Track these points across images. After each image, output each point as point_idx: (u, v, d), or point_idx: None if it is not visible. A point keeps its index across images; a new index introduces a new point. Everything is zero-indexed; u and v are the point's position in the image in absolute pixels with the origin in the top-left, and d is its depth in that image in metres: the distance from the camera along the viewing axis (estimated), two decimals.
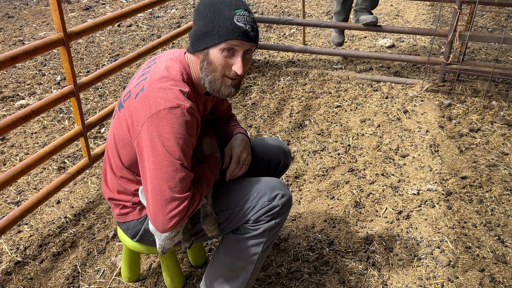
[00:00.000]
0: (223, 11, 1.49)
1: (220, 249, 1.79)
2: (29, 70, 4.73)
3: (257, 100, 4.01)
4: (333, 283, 2.17)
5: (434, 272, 2.23)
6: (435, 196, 2.75)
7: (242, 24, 1.49)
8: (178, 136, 1.46)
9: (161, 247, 1.63)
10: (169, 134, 1.46)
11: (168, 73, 1.56)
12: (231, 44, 1.50)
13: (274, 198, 1.67)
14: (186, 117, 1.47)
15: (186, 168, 1.49)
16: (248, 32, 1.50)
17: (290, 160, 2.12)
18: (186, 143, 1.49)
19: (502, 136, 3.38)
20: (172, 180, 1.47)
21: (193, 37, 1.56)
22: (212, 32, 1.50)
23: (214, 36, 1.50)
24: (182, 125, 1.47)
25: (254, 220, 1.67)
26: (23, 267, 2.30)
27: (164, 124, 1.46)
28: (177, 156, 1.47)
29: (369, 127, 3.55)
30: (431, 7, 6.76)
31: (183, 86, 1.54)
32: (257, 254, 1.72)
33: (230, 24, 1.48)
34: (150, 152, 1.48)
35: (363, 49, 5.23)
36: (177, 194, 1.48)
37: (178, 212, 1.49)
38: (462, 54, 3.96)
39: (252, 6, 6.93)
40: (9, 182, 2.24)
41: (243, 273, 1.76)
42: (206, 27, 1.51)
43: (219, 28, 1.49)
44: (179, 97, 1.49)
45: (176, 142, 1.46)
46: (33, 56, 2.25)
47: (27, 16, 6.59)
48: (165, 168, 1.47)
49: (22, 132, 3.55)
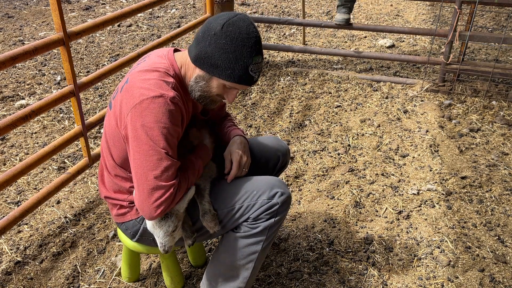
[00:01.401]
0: (243, 56, 1.51)
1: (220, 248, 1.79)
2: (29, 70, 4.73)
3: (257, 100, 4.01)
4: (333, 283, 2.17)
5: (434, 272, 2.23)
6: (435, 196, 2.75)
7: (254, 75, 1.56)
8: (161, 125, 1.48)
9: (163, 246, 1.62)
10: (153, 124, 1.48)
11: (153, 67, 1.59)
12: (234, 86, 1.57)
13: (273, 196, 1.68)
14: (169, 106, 1.49)
15: (171, 157, 1.51)
16: (254, 79, 1.58)
17: (289, 158, 2.12)
18: (170, 132, 1.51)
19: (502, 136, 3.38)
20: (157, 169, 1.49)
21: (203, 55, 1.54)
22: (226, 70, 1.52)
23: (225, 74, 1.53)
24: (165, 114, 1.49)
25: (253, 219, 1.68)
26: (23, 267, 2.30)
27: (147, 113, 1.48)
28: (162, 145, 1.49)
29: (369, 127, 3.55)
30: (431, 7, 6.76)
31: (167, 78, 1.57)
32: (257, 253, 1.73)
33: (244, 73, 1.53)
34: (135, 142, 1.50)
35: (363, 49, 5.23)
36: (163, 183, 1.50)
37: (164, 200, 1.51)
38: (462, 54, 3.96)
39: (252, 6, 6.93)
40: (9, 182, 2.24)
41: (243, 272, 1.77)
42: (221, 61, 1.52)
43: (233, 71, 1.52)
44: (162, 86, 1.52)
45: (160, 131, 1.48)
46: (33, 56, 2.25)
47: (27, 16, 6.59)
48: (150, 157, 1.49)
49: (22, 132, 3.55)
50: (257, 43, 1.54)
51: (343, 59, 4.91)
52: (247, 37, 1.50)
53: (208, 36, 1.52)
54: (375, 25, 4.33)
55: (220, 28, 1.50)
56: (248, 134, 3.51)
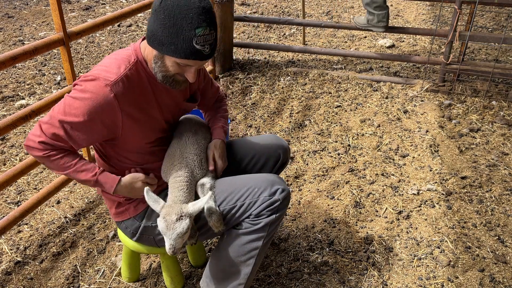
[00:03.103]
0: (183, 29, 1.45)
1: (220, 245, 1.80)
2: (29, 70, 4.73)
3: (257, 100, 4.01)
4: (333, 283, 2.17)
5: (434, 272, 2.23)
6: (435, 196, 2.75)
7: (201, 47, 1.48)
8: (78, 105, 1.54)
9: (172, 247, 1.59)
10: (75, 94, 1.55)
11: (114, 56, 1.63)
12: (186, 62, 1.52)
13: (274, 192, 1.70)
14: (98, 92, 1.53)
15: (61, 124, 1.55)
16: (205, 52, 1.50)
17: (289, 156, 2.12)
18: (80, 120, 1.54)
19: (502, 136, 3.38)
20: (47, 117, 1.59)
21: (150, 34, 1.53)
22: (170, 46, 1.48)
23: (171, 50, 1.49)
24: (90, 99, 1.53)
25: (255, 215, 1.69)
26: (23, 267, 2.30)
27: (77, 87, 1.57)
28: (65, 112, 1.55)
29: (369, 127, 3.55)
30: (431, 7, 6.76)
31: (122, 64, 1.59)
32: (258, 249, 1.74)
33: (188, 46, 1.47)
34: None
35: (363, 49, 5.23)
36: (40, 129, 1.59)
37: (31, 140, 1.60)
38: (462, 54, 3.96)
39: (252, 6, 6.93)
40: (9, 182, 2.24)
41: (244, 268, 1.77)
42: (164, 37, 1.48)
43: (176, 47, 1.47)
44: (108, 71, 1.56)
45: (73, 105, 1.54)
46: (33, 56, 2.25)
47: (27, 16, 6.59)
48: (55, 108, 1.59)
49: (22, 132, 3.55)
50: (201, 13, 1.45)
51: (343, 59, 4.91)
52: (186, 9, 1.44)
53: (152, 13, 1.52)
54: None
55: (159, 3, 1.48)
56: (248, 134, 3.52)
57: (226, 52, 4.42)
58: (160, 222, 1.57)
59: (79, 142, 1.61)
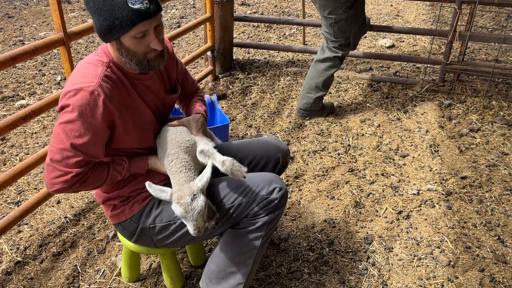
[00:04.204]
0: (113, 1, 1.42)
1: (219, 244, 1.80)
2: (29, 70, 4.73)
3: (257, 100, 4.01)
4: (333, 283, 2.17)
5: (434, 272, 2.23)
6: (435, 196, 2.75)
7: (139, 5, 1.42)
8: (75, 118, 1.50)
9: (196, 227, 1.56)
10: (69, 114, 1.50)
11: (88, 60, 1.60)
12: (139, 29, 1.47)
13: (272, 191, 1.70)
14: (86, 100, 1.49)
15: (76, 149, 1.52)
16: (148, 9, 1.44)
17: (289, 159, 2.12)
18: (83, 126, 1.51)
19: (502, 136, 3.38)
20: (58, 154, 1.54)
21: (98, 31, 1.51)
22: (113, 25, 1.45)
23: (117, 28, 1.46)
24: (81, 108, 1.49)
25: (253, 214, 1.70)
26: (23, 267, 2.30)
27: (66, 104, 1.51)
28: (69, 135, 1.51)
29: (369, 127, 3.55)
30: (431, 7, 6.76)
31: (97, 68, 1.56)
32: (256, 248, 1.74)
33: (127, 11, 1.42)
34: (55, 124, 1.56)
35: (363, 49, 5.23)
36: (61, 167, 1.54)
37: (61, 181, 1.55)
38: (462, 54, 3.96)
39: (252, 6, 6.93)
40: (9, 182, 2.24)
41: (243, 267, 1.77)
42: (105, 21, 1.46)
43: (118, 20, 1.44)
44: (87, 78, 1.52)
45: (72, 123, 1.50)
46: (33, 56, 2.25)
47: (27, 16, 6.59)
48: (57, 142, 1.54)
49: (22, 132, 3.55)
50: None
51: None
52: None
53: (90, 13, 1.51)
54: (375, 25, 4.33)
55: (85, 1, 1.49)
56: (248, 134, 3.52)
57: (226, 52, 4.42)
58: (176, 207, 1.54)
59: (98, 155, 1.60)
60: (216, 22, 4.19)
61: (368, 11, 6.69)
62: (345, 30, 3.38)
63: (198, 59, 4.88)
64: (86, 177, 1.59)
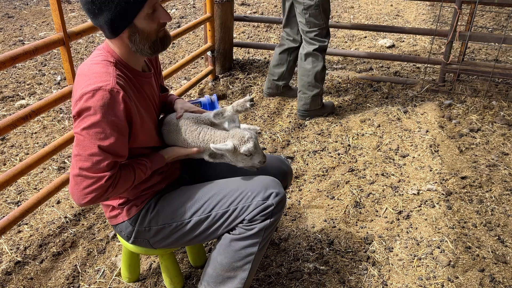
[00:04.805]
0: None
1: (216, 249, 1.78)
2: (29, 70, 4.73)
3: (257, 100, 4.01)
4: (333, 283, 2.17)
5: (434, 272, 2.23)
6: (435, 196, 2.75)
7: None
8: (99, 119, 1.47)
9: (263, 155, 1.70)
10: (91, 117, 1.47)
11: (92, 60, 1.58)
12: (151, 4, 1.49)
13: (268, 197, 1.66)
14: (107, 99, 1.47)
15: (104, 151, 1.49)
16: None
17: (291, 180, 2.08)
18: (108, 125, 1.48)
19: (502, 136, 3.38)
20: (87, 161, 1.49)
21: (110, 23, 1.49)
22: (126, 8, 1.45)
23: (132, 7, 1.46)
24: (103, 108, 1.46)
25: (249, 220, 1.67)
26: (23, 267, 2.30)
27: (86, 106, 1.47)
28: (95, 138, 1.48)
29: (369, 127, 3.55)
30: (431, 7, 6.76)
31: (107, 67, 1.54)
32: (253, 254, 1.72)
33: None
34: (75, 131, 1.52)
35: (363, 49, 5.23)
36: (92, 173, 1.50)
37: (94, 189, 1.51)
38: (462, 54, 3.96)
39: (252, 6, 6.93)
40: (9, 182, 2.24)
41: (240, 273, 1.76)
42: (118, 6, 1.45)
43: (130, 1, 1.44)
44: (102, 78, 1.49)
45: (96, 125, 1.47)
46: (33, 56, 2.25)
47: (27, 16, 6.59)
48: (83, 149, 1.50)
49: (22, 132, 3.55)
50: None
51: (343, 59, 4.91)
52: None
53: (90, 14, 1.50)
54: (375, 25, 4.33)
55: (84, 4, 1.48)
56: None
57: (226, 52, 4.42)
58: (247, 145, 1.64)
59: (125, 154, 1.58)
60: (216, 22, 4.19)
61: (368, 11, 6.70)
62: (317, 17, 3.36)
63: (198, 59, 4.88)
64: (117, 180, 1.56)
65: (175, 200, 1.76)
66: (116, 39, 1.56)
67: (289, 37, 3.72)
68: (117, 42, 1.57)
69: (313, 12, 3.34)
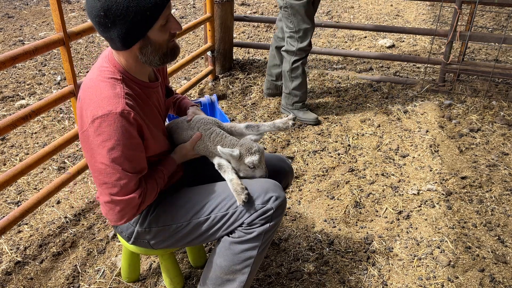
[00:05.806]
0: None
1: (215, 252, 1.77)
2: (29, 70, 4.73)
3: (257, 100, 4.01)
4: (333, 283, 2.17)
5: (434, 272, 2.23)
6: (435, 196, 2.75)
7: None
8: (114, 142, 1.46)
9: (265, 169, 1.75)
10: (106, 142, 1.46)
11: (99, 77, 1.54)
12: (165, 13, 1.46)
13: (267, 201, 1.65)
14: (120, 122, 1.46)
15: (128, 172, 1.51)
16: None
17: (292, 179, 2.08)
18: (126, 147, 1.48)
19: (502, 136, 3.38)
20: (115, 187, 1.51)
21: (121, 37, 1.46)
22: (140, 20, 1.42)
23: (145, 22, 1.43)
24: (117, 131, 1.46)
25: (248, 224, 1.65)
26: (23, 267, 2.30)
27: (99, 132, 1.46)
28: (117, 162, 1.48)
29: (369, 127, 3.55)
30: (431, 7, 6.76)
31: (115, 86, 1.52)
32: (252, 258, 1.70)
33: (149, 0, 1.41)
34: (92, 160, 1.51)
35: (363, 49, 5.23)
36: (122, 197, 1.53)
37: (129, 210, 1.56)
38: (462, 54, 3.96)
39: (252, 6, 6.93)
40: (9, 182, 2.24)
41: (239, 276, 1.74)
42: (136, 17, 1.41)
43: (144, 13, 1.41)
44: (110, 100, 1.47)
45: (113, 149, 1.47)
46: (33, 56, 2.25)
47: (27, 16, 6.59)
48: (106, 176, 1.51)
49: (22, 132, 3.55)
50: None
51: (343, 59, 4.91)
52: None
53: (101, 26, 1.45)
54: (375, 25, 4.33)
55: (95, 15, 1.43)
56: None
57: (226, 52, 4.42)
58: (252, 158, 1.68)
59: (146, 167, 1.61)
60: (216, 22, 4.19)
61: (368, 11, 6.70)
62: (287, 19, 3.33)
63: (198, 59, 4.87)
64: (145, 193, 1.59)
65: (175, 201, 1.76)
66: (125, 52, 1.54)
67: (279, 36, 3.73)
68: (126, 54, 1.55)
69: (284, 13, 3.35)
